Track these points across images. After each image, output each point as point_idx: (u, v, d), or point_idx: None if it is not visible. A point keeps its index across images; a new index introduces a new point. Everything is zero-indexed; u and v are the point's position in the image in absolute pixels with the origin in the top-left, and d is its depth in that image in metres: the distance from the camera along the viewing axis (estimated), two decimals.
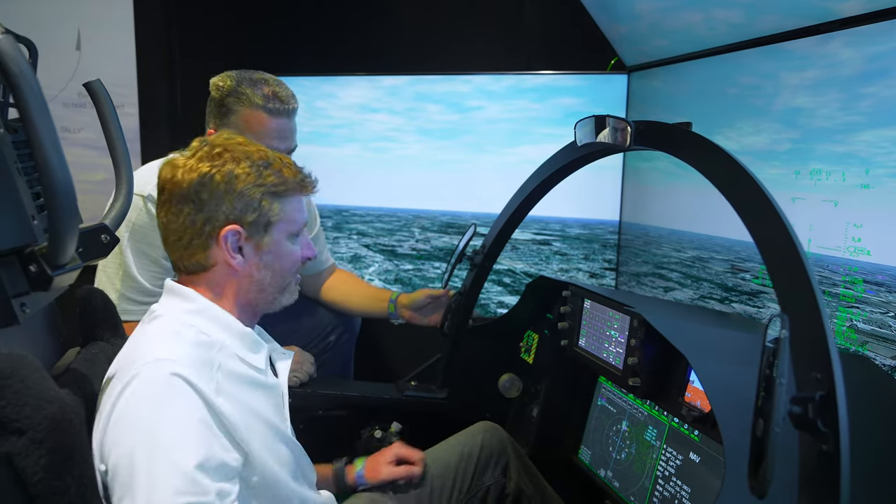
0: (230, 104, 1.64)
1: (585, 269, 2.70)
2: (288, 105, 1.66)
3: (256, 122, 1.63)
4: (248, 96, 1.62)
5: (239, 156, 1.05)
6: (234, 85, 1.64)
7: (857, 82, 1.53)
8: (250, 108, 1.63)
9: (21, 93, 0.71)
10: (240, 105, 1.63)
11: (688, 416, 1.28)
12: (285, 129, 1.68)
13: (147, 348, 0.97)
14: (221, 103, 1.65)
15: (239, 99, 1.63)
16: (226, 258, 1.05)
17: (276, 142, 1.66)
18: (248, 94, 1.62)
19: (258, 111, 1.63)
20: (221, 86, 1.65)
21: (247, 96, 1.62)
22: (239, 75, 1.67)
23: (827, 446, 0.72)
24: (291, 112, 1.68)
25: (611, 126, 1.23)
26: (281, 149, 1.65)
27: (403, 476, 1.38)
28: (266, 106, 1.63)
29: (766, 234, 0.88)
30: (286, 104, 1.66)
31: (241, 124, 1.63)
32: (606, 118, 1.25)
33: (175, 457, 0.88)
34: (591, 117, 1.29)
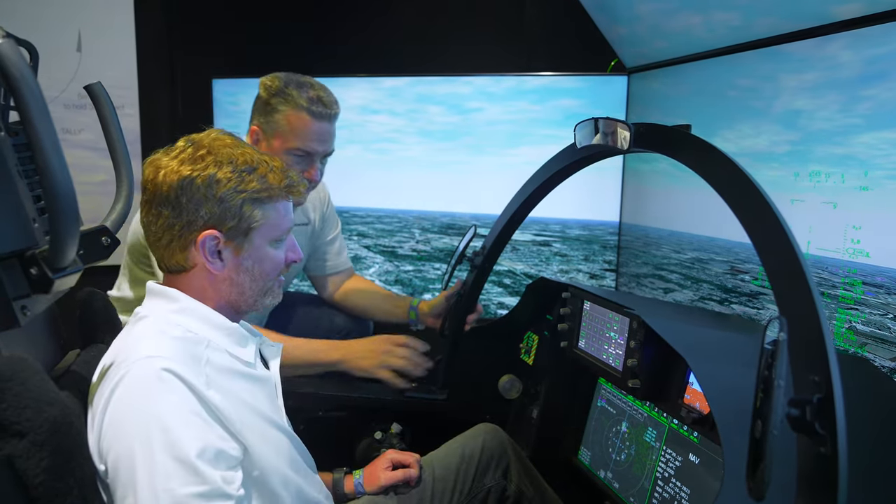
0: (276, 104, 1.68)
1: (585, 270, 2.71)
2: (331, 110, 1.72)
3: (299, 123, 1.68)
4: (294, 97, 1.67)
5: (222, 159, 1.03)
6: (282, 86, 1.69)
7: (857, 84, 1.53)
8: (295, 109, 1.67)
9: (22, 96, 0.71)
10: (285, 105, 1.68)
11: (687, 418, 1.28)
12: (326, 132, 1.73)
13: (135, 347, 0.97)
14: (267, 102, 1.70)
15: (285, 99, 1.68)
16: (204, 262, 1.04)
17: (315, 144, 1.71)
18: (293, 95, 1.67)
19: (302, 112, 1.67)
20: (269, 85, 1.70)
21: (292, 97, 1.67)
22: (287, 77, 1.72)
23: (825, 449, 0.72)
24: (333, 116, 1.73)
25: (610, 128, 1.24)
26: (319, 151, 1.73)
27: (402, 480, 1.39)
28: (310, 108, 1.67)
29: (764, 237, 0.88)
30: (329, 109, 1.71)
31: (284, 124, 1.68)
32: (606, 121, 1.25)
33: (174, 450, 0.89)
34: (591, 119, 1.29)
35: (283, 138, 1.70)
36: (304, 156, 1.72)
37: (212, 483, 0.90)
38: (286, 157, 1.70)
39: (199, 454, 0.90)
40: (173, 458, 0.89)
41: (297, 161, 1.72)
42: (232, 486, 0.93)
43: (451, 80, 2.66)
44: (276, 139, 1.70)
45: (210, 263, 1.04)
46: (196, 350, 1.00)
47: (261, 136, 1.73)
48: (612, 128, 1.24)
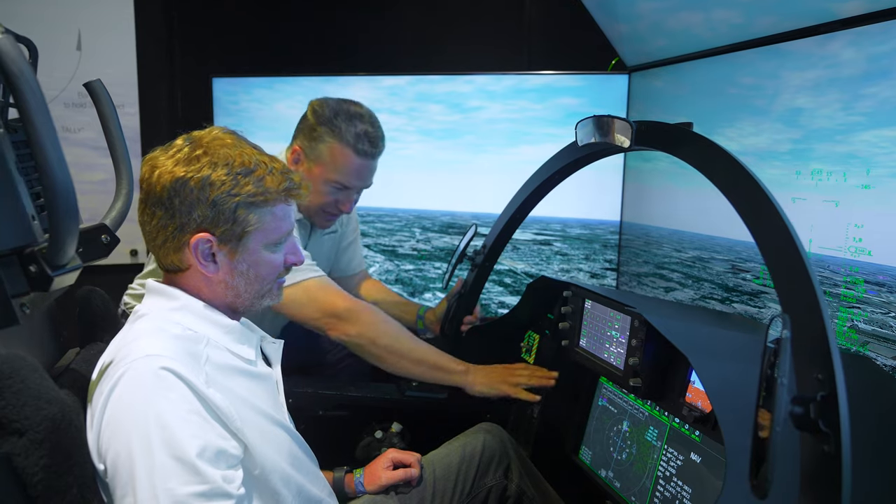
0: (322, 133, 1.67)
1: (586, 269, 2.70)
2: (376, 148, 1.71)
3: (343, 159, 1.68)
4: (342, 131, 1.66)
5: (217, 160, 1.01)
6: (331, 115, 1.67)
7: (858, 82, 1.53)
8: (340, 143, 1.67)
9: (21, 93, 0.71)
10: (331, 137, 1.67)
11: (689, 417, 1.27)
12: (368, 169, 1.73)
13: (134, 346, 0.96)
14: (314, 128, 1.69)
15: (332, 131, 1.67)
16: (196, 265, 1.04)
17: (355, 180, 1.72)
18: (341, 129, 1.66)
19: (347, 149, 1.67)
20: (319, 112, 1.69)
21: (340, 131, 1.66)
22: (338, 106, 1.70)
23: (828, 447, 0.72)
24: (378, 154, 1.73)
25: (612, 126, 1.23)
26: (356, 186, 1.73)
27: (402, 479, 1.38)
28: (356, 146, 1.67)
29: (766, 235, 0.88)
30: (375, 147, 1.70)
31: (328, 156, 1.68)
32: (608, 118, 1.25)
33: (173, 449, 0.88)
34: (593, 117, 1.29)
35: (325, 169, 1.69)
36: (342, 189, 1.73)
37: (212, 482, 0.89)
38: (323, 186, 1.71)
39: (199, 453, 0.89)
40: (173, 458, 0.88)
41: (334, 192, 1.73)
42: (232, 486, 0.92)
43: (452, 78, 2.66)
44: (317, 167, 1.70)
45: (203, 266, 1.04)
46: (196, 348, 1.00)
47: (302, 158, 1.72)
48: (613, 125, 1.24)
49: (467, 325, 1.90)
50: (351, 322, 1.63)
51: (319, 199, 1.73)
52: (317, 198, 1.73)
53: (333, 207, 1.76)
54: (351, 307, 1.64)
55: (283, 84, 2.76)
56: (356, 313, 1.63)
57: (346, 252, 2.14)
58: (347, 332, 1.63)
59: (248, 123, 2.76)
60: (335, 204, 1.75)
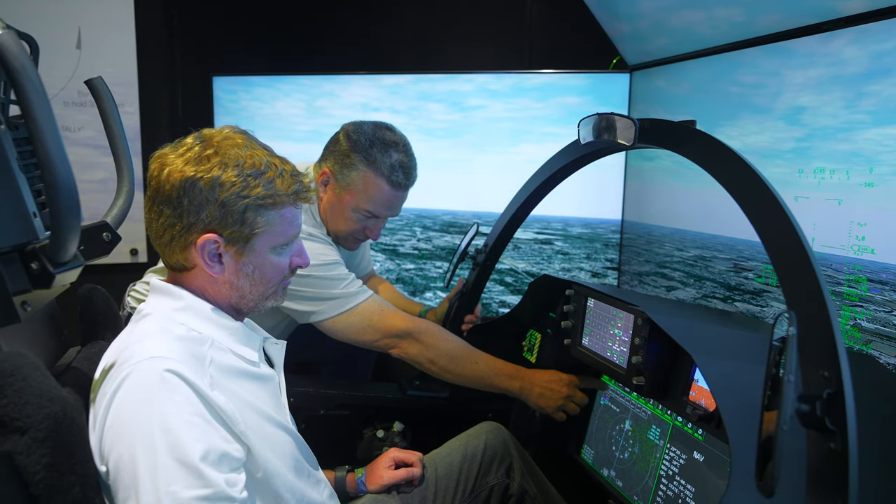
0: (356, 161, 1.66)
1: (588, 268, 2.70)
2: (409, 180, 1.71)
3: (375, 190, 1.67)
4: (377, 162, 1.65)
5: (228, 161, 1.00)
6: (367, 145, 1.65)
7: (861, 80, 1.53)
8: (375, 174, 1.65)
9: (23, 89, 0.71)
10: (366, 167, 1.65)
11: (692, 416, 1.27)
12: (398, 200, 1.73)
13: (138, 347, 0.96)
14: (348, 155, 1.67)
15: (367, 160, 1.65)
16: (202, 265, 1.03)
17: (384, 209, 1.71)
18: (377, 159, 1.65)
19: (380, 180, 1.66)
20: (354, 139, 1.67)
21: (375, 161, 1.65)
22: (373, 134, 1.67)
23: (835, 444, 0.72)
24: (411, 186, 1.73)
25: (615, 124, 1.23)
26: (385, 215, 1.72)
27: (404, 479, 1.38)
28: (390, 177, 1.66)
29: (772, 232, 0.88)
30: (408, 179, 1.70)
31: (360, 184, 1.67)
32: (611, 116, 1.24)
33: (177, 453, 0.88)
34: (595, 115, 1.29)
35: (355, 197, 1.68)
36: (371, 217, 1.72)
37: (215, 486, 0.89)
38: (353, 214, 1.70)
39: (203, 457, 0.89)
40: (176, 461, 0.87)
41: (363, 220, 1.72)
42: (235, 489, 0.92)
43: (453, 77, 2.65)
44: (347, 194, 1.68)
45: (209, 267, 1.03)
46: (200, 350, 0.99)
47: (332, 182, 1.70)
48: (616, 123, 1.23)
49: (468, 324, 1.89)
50: (411, 341, 1.66)
51: (348, 226, 1.72)
52: (345, 224, 1.72)
53: (361, 234, 1.76)
54: (411, 327, 1.66)
55: (283, 83, 2.76)
56: (416, 333, 1.66)
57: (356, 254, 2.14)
58: (407, 351, 1.67)
59: (248, 122, 2.75)
60: (363, 231, 1.75)
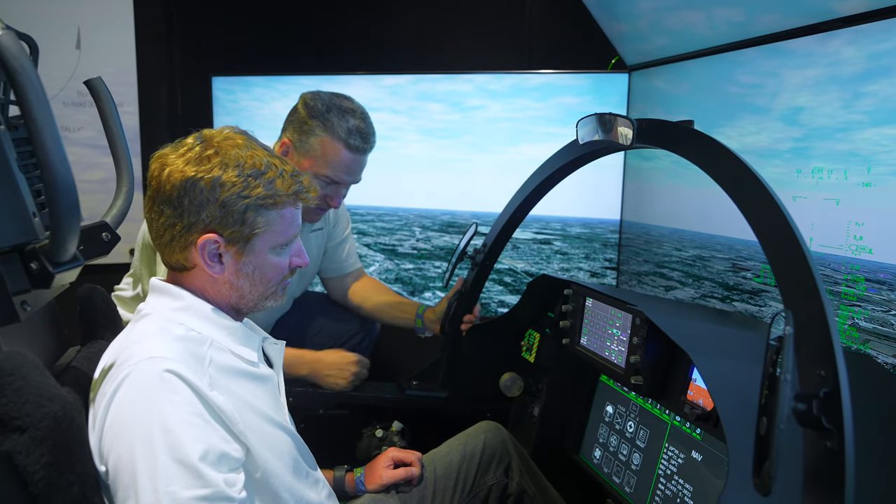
0: (314, 127, 1.68)
1: (586, 268, 2.70)
2: (367, 144, 1.72)
3: (333, 153, 1.69)
4: (333, 126, 1.67)
5: (228, 161, 1.00)
6: (323, 110, 1.68)
7: (859, 81, 1.53)
8: (332, 137, 1.68)
9: (22, 89, 0.71)
10: (323, 131, 1.68)
11: (690, 415, 1.27)
12: (358, 164, 1.74)
13: (138, 347, 0.96)
14: (305, 122, 1.69)
15: (323, 125, 1.67)
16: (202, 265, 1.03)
17: (344, 175, 1.72)
18: (333, 123, 1.67)
19: (338, 143, 1.68)
20: (311, 106, 1.69)
21: (332, 125, 1.67)
22: (330, 100, 1.70)
23: (832, 443, 0.72)
24: (369, 149, 1.74)
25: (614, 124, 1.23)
26: (346, 181, 1.74)
27: (403, 478, 1.38)
28: (347, 140, 1.68)
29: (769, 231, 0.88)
30: (366, 143, 1.72)
31: (318, 149, 1.69)
32: (609, 116, 1.24)
33: (176, 453, 0.88)
34: (594, 115, 1.29)
35: (314, 162, 1.70)
36: (331, 183, 1.73)
37: (214, 486, 0.89)
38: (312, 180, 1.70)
39: (202, 457, 0.89)
40: (176, 461, 0.88)
41: (323, 186, 1.73)
42: (234, 489, 0.92)
43: (452, 77, 2.66)
44: (306, 160, 1.70)
45: (209, 267, 1.03)
46: (199, 350, 0.99)
47: (291, 151, 1.72)
48: (614, 123, 1.23)
49: (467, 323, 1.90)
50: None
51: None
52: None
53: (322, 202, 1.76)
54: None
55: (282, 83, 2.76)
56: None
57: (336, 251, 2.13)
58: None
59: (247, 122, 2.75)
60: (324, 198, 1.75)
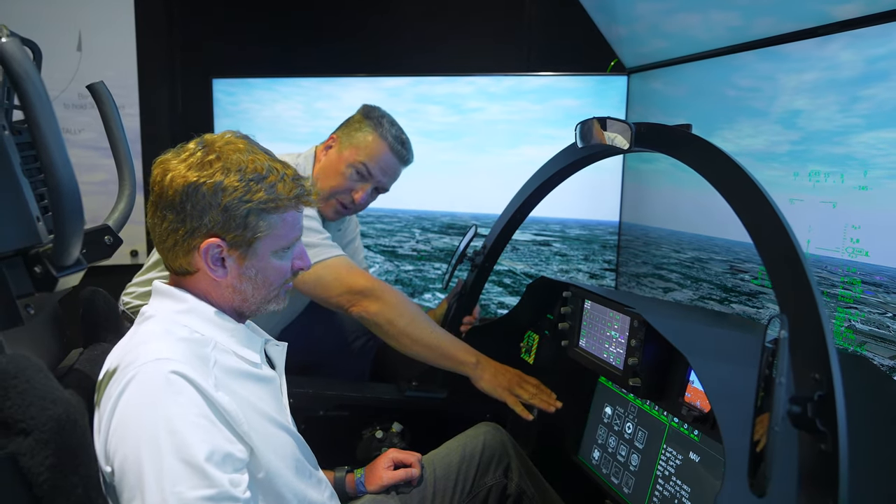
0: (366, 125, 1.82)
1: (585, 269, 2.71)
2: (408, 154, 1.86)
3: (377, 148, 1.80)
4: (384, 130, 1.81)
5: (230, 166, 1.01)
6: (378, 116, 1.83)
7: (856, 84, 1.54)
8: (380, 137, 1.81)
9: (26, 94, 0.72)
10: (372, 129, 1.81)
11: (688, 416, 1.28)
12: (394, 168, 1.85)
13: (144, 349, 0.96)
14: (359, 122, 1.84)
15: (375, 126, 1.81)
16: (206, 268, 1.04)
17: (379, 170, 1.82)
18: (385, 127, 1.82)
19: (384, 141, 1.81)
20: (369, 111, 1.85)
21: (383, 129, 1.81)
22: (386, 113, 1.86)
23: (826, 445, 0.73)
24: (406, 161, 1.87)
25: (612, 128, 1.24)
26: (378, 179, 1.84)
27: (403, 479, 1.39)
28: (393, 143, 1.81)
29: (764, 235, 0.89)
30: (407, 153, 1.86)
31: (363, 143, 1.81)
32: (607, 120, 1.25)
33: (182, 453, 0.89)
34: (592, 119, 1.30)
35: (355, 151, 1.80)
36: (363, 176, 1.81)
37: (220, 486, 0.90)
38: (347, 168, 1.80)
39: (208, 457, 0.90)
40: (182, 462, 0.88)
41: (355, 177, 1.81)
42: (239, 489, 0.93)
43: (452, 79, 2.67)
44: (348, 150, 1.81)
45: (212, 271, 1.04)
46: (203, 351, 1.00)
47: (335, 144, 1.84)
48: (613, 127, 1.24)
49: (467, 325, 1.90)
50: (372, 300, 1.67)
51: (338, 182, 1.81)
52: (336, 180, 1.81)
53: (347, 195, 1.82)
54: (374, 286, 1.69)
55: (282, 85, 2.77)
56: (379, 291, 1.68)
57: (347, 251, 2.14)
58: (368, 309, 1.67)
59: (247, 124, 2.76)
60: (350, 191, 1.81)
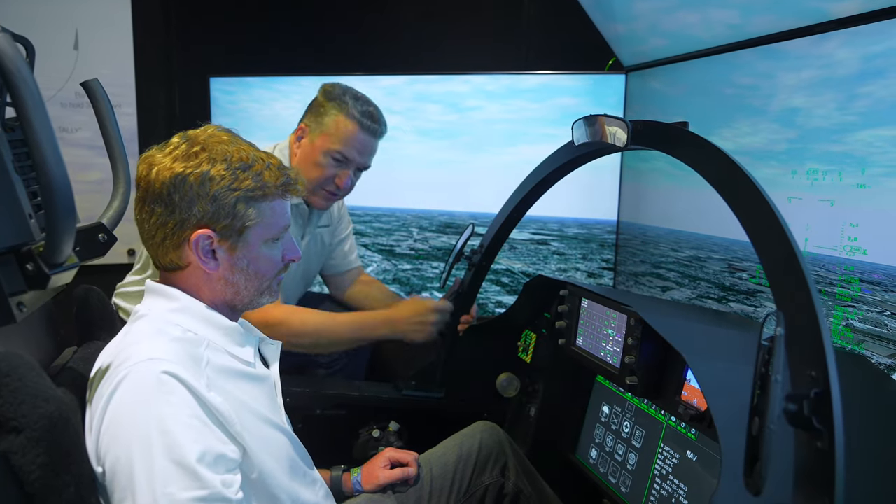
0: (329, 108, 1.77)
1: (583, 268, 2.71)
2: (379, 126, 1.81)
3: (346, 130, 1.76)
4: (348, 106, 1.76)
5: (216, 156, 1.01)
6: (340, 93, 1.78)
7: (854, 82, 1.54)
8: (346, 116, 1.76)
9: (18, 91, 0.71)
10: (338, 111, 1.76)
11: (684, 415, 1.28)
12: (368, 145, 1.81)
13: (135, 349, 0.96)
14: (322, 104, 1.79)
15: (339, 106, 1.77)
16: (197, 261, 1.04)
17: (355, 152, 1.79)
18: (348, 104, 1.77)
19: (351, 121, 1.76)
20: (329, 91, 1.80)
21: (347, 106, 1.76)
22: (346, 88, 1.81)
23: (822, 443, 0.72)
24: (379, 133, 1.82)
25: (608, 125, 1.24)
26: (356, 160, 1.80)
27: (400, 478, 1.38)
28: (360, 120, 1.76)
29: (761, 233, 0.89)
30: (377, 125, 1.80)
31: (332, 126, 1.76)
32: (604, 118, 1.25)
33: (174, 454, 0.88)
34: (589, 117, 1.29)
35: (327, 139, 1.77)
36: (341, 161, 1.78)
37: (211, 487, 0.89)
38: (324, 157, 1.78)
39: (200, 458, 0.89)
40: (173, 462, 0.88)
41: (333, 165, 1.78)
42: (231, 490, 0.92)
43: (449, 78, 2.66)
44: (319, 138, 1.77)
45: (204, 263, 1.03)
46: (196, 351, 0.99)
47: (305, 134, 1.81)
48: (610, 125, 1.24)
49: (464, 324, 1.90)
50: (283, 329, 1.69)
51: (319, 172, 1.79)
52: (316, 170, 1.79)
53: (331, 183, 1.81)
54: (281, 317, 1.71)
55: (280, 84, 2.77)
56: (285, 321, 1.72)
57: (339, 248, 2.17)
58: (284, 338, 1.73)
59: (245, 123, 2.76)
60: (333, 179, 1.80)
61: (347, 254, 2.19)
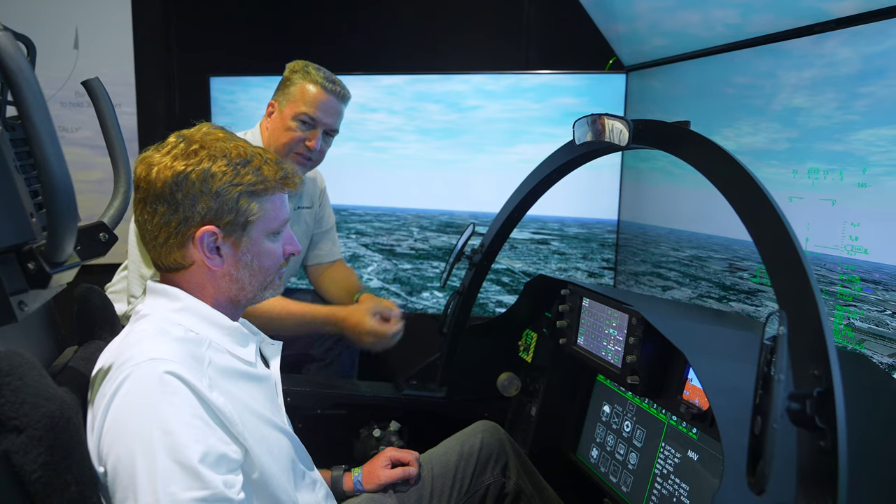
0: (294, 78, 1.88)
1: (584, 268, 2.71)
2: (341, 88, 1.89)
3: (310, 92, 1.85)
4: (312, 74, 1.87)
5: (216, 153, 1.02)
6: (303, 66, 1.89)
7: (855, 81, 1.54)
8: (310, 81, 1.86)
9: (19, 90, 0.71)
10: (301, 79, 1.87)
11: (686, 414, 1.28)
12: (333, 106, 1.88)
13: (137, 349, 0.96)
14: (288, 78, 1.90)
15: (303, 74, 1.88)
16: (203, 259, 1.03)
17: (321, 113, 1.86)
18: (311, 72, 1.88)
19: (314, 84, 1.86)
20: (293, 66, 1.91)
21: (310, 74, 1.87)
22: (309, 62, 1.91)
23: (825, 443, 0.72)
24: (342, 96, 1.90)
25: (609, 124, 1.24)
26: (324, 121, 1.88)
27: (401, 478, 1.38)
28: (323, 83, 1.86)
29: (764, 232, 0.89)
30: (339, 87, 1.89)
31: (297, 92, 1.86)
32: (605, 117, 1.25)
33: (176, 454, 0.88)
34: (590, 116, 1.29)
35: (294, 105, 1.85)
36: (309, 123, 1.86)
37: (213, 487, 0.89)
38: (292, 122, 1.85)
39: (202, 458, 0.89)
40: (175, 462, 0.88)
41: (302, 127, 1.85)
42: (233, 490, 0.92)
43: (450, 78, 2.66)
44: (287, 106, 1.86)
45: (209, 260, 1.03)
46: (198, 351, 0.99)
47: (275, 108, 1.89)
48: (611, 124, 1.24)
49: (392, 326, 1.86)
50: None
51: (288, 136, 1.86)
52: (286, 135, 1.86)
53: (301, 145, 1.87)
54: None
55: None
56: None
57: (323, 238, 2.22)
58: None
59: (245, 122, 2.75)
60: (303, 141, 1.86)
61: (333, 246, 2.24)
